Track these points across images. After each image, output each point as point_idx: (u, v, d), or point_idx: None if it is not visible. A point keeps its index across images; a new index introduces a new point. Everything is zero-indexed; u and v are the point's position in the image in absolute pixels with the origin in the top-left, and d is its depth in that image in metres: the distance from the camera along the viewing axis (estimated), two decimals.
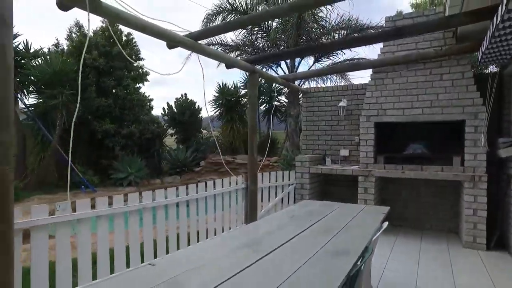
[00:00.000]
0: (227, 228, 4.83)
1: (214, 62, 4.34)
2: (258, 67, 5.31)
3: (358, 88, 6.37)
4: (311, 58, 11.00)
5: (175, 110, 14.15)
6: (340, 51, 10.04)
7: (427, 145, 5.44)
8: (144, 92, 13.32)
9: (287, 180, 5.93)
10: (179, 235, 4.00)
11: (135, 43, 13.69)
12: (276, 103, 13.17)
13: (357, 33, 9.81)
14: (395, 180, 5.77)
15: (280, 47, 10.43)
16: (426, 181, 5.55)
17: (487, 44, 3.37)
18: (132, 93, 12.56)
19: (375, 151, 5.51)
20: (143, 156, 12.47)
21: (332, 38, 10.16)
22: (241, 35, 10.38)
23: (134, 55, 13.46)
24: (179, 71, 3.99)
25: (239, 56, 10.68)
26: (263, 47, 10.64)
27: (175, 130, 14.41)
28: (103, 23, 12.91)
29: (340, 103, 6.30)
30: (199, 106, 14.55)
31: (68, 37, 13.49)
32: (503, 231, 4.58)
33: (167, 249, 3.81)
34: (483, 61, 3.95)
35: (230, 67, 4.99)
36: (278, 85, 12.21)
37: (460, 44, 4.84)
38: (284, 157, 9.06)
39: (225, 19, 9.94)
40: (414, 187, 5.75)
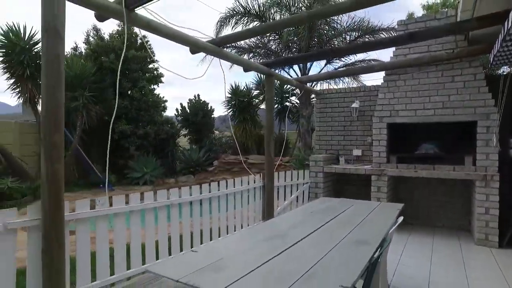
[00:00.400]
0: (245, 225, 5.05)
1: (226, 63, 4.52)
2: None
3: (371, 90, 6.53)
4: (322, 60, 11.15)
5: (188, 111, 14.45)
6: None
7: (438, 145, 5.56)
8: (159, 93, 13.66)
9: (302, 179, 6.12)
10: (202, 231, 4.24)
11: (150, 45, 14.05)
12: (287, 103, 13.38)
13: (368, 35, 9.94)
14: (407, 179, 5.92)
15: (292, 49, 10.63)
16: (437, 180, 5.67)
17: (499, 47, 3.51)
18: (147, 95, 12.91)
19: (388, 151, 5.66)
20: (157, 156, 12.81)
21: (344, 40, 10.32)
22: (254, 38, 10.59)
23: (149, 57, 13.80)
24: (202, 75, 4.23)
25: (252, 58, 10.92)
26: (275, 49, 10.85)
27: (188, 131, 14.70)
28: (119, 26, 13.28)
29: (353, 104, 6.48)
30: (211, 107, 14.83)
31: (85, 40, 13.92)
32: None
33: (191, 243, 4.05)
34: (494, 63, 4.09)
35: (247, 71, 5.22)
36: (289, 86, 12.41)
37: (472, 46, 4.94)
38: (296, 157, 9.25)
39: (238, 22, 10.21)
40: (425, 186, 5.89)
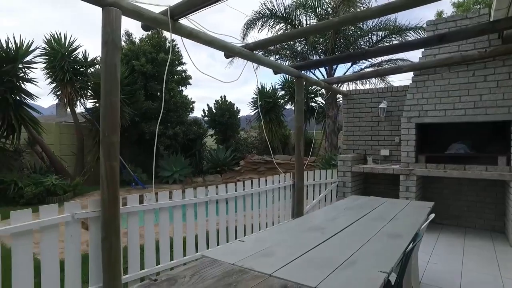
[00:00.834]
0: (276, 222, 5.24)
1: (249, 64, 4.65)
2: None
3: (398, 90, 6.56)
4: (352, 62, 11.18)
5: (215, 112, 14.82)
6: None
7: (468, 145, 5.53)
8: (187, 95, 14.10)
9: (330, 179, 6.24)
10: (236, 227, 4.48)
11: (178, 48, 14.52)
12: (312, 103, 13.47)
13: (395, 35, 9.88)
14: (436, 179, 5.91)
15: (318, 50, 10.72)
16: (468, 180, 5.63)
17: None
18: (176, 96, 13.37)
19: (416, 151, 5.68)
20: (185, 155, 13.25)
21: (370, 40, 10.31)
22: None
23: (177, 60, 14.27)
24: (237, 78, 4.46)
25: (279, 59, 11.10)
26: (301, 50, 10.99)
27: (215, 131, 15.08)
28: (149, 31, 13.82)
29: (381, 105, 6.53)
30: (237, 107, 15.13)
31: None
32: None
33: (227, 238, 4.30)
34: None
35: (277, 73, 5.43)
36: (314, 87, 12.50)
37: (506, 44, 4.83)
38: (323, 157, 9.35)
39: (264, 25, 10.42)
40: (455, 186, 5.85)
